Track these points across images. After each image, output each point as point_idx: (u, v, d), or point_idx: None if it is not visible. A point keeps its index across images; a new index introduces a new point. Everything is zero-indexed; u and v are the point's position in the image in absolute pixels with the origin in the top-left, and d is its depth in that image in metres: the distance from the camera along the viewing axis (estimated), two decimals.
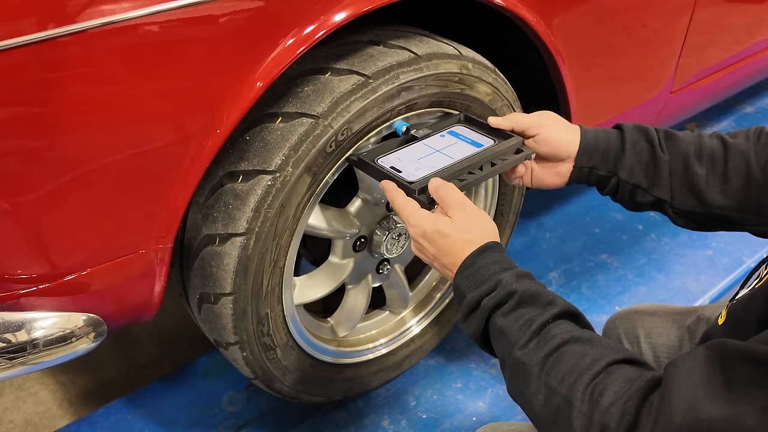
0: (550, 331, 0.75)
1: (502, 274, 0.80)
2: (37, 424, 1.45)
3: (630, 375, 0.70)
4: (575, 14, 1.24)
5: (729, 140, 0.96)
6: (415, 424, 1.38)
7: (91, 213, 0.86)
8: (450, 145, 1.03)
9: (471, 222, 0.85)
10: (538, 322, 0.75)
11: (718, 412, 0.61)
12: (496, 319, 0.78)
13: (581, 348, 0.73)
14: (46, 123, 0.77)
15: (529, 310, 0.77)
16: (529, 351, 0.74)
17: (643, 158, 0.98)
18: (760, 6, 1.69)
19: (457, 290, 0.83)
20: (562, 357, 0.73)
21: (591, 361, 0.72)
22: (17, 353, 0.88)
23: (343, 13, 0.92)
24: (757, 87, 2.52)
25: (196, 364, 1.50)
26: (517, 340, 0.75)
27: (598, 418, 0.68)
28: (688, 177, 0.97)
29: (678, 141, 0.98)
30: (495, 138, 1.04)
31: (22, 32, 0.70)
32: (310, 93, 0.99)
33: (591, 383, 0.70)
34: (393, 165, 0.97)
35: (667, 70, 1.54)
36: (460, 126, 1.09)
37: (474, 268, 0.81)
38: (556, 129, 1.00)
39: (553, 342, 0.74)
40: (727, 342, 0.64)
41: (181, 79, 0.84)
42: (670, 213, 1.00)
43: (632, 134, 0.99)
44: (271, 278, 1.05)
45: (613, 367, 0.71)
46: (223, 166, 1.00)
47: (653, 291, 1.69)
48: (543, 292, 0.79)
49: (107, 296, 0.95)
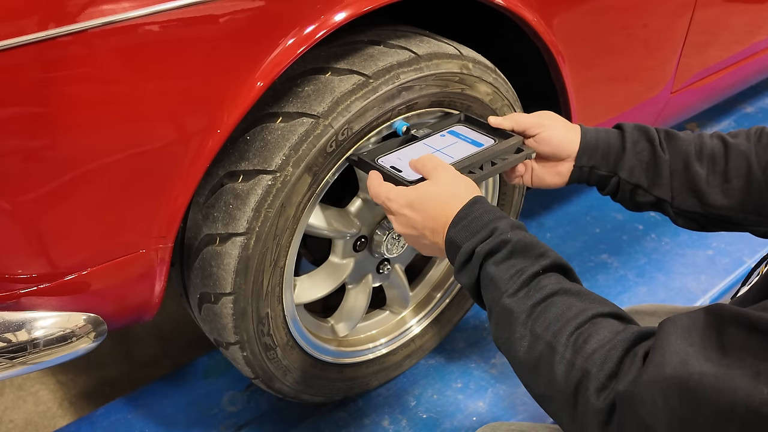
0: (540, 281, 0.76)
1: (498, 222, 0.80)
2: (37, 423, 1.45)
3: (615, 327, 0.71)
4: (575, 14, 1.24)
5: (730, 140, 0.96)
6: (415, 424, 1.38)
7: (92, 213, 0.86)
8: (450, 145, 1.03)
9: (454, 180, 0.86)
10: (528, 272, 0.76)
11: (709, 369, 0.61)
12: (488, 268, 0.78)
13: (569, 299, 0.74)
14: (46, 123, 0.77)
15: (521, 260, 0.77)
16: (518, 299, 0.75)
17: (644, 158, 0.98)
18: (760, 6, 1.69)
19: (451, 244, 0.83)
20: (550, 306, 0.73)
21: (578, 311, 0.72)
22: (18, 353, 0.88)
23: (344, 12, 0.92)
24: (757, 87, 2.52)
25: (196, 364, 1.50)
26: (507, 289, 0.76)
27: (581, 363, 0.69)
28: (688, 177, 0.97)
29: (678, 141, 0.98)
30: (495, 138, 1.04)
31: (22, 32, 0.70)
32: (311, 93, 0.99)
33: (576, 331, 0.71)
34: (393, 165, 0.97)
35: (668, 70, 1.54)
36: (461, 126, 1.09)
37: (468, 219, 0.82)
38: (557, 129, 1.00)
39: (542, 292, 0.74)
40: (725, 306, 0.65)
41: (181, 78, 0.84)
42: (671, 213, 1.00)
43: (633, 134, 0.99)
44: (272, 278, 1.05)
45: (599, 318, 0.72)
46: (224, 166, 1.00)
47: (653, 291, 1.69)
48: (536, 244, 0.79)
49: (107, 296, 0.95)
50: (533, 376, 0.73)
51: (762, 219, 0.96)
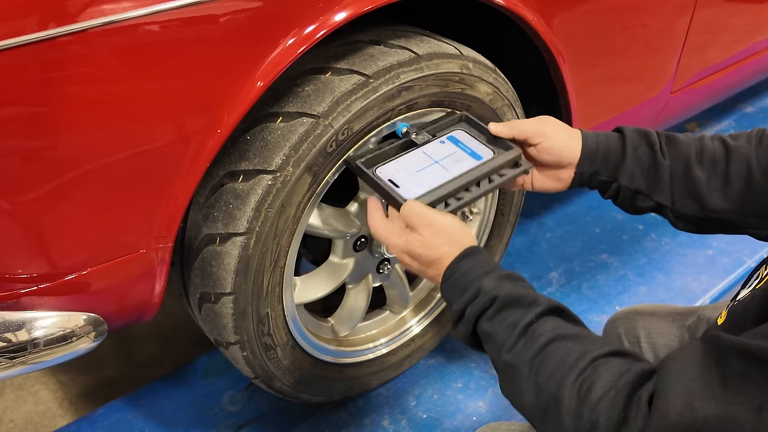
0: (535, 330, 0.76)
1: (483, 280, 0.81)
2: (37, 423, 1.45)
3: (617, 368, 0.71)
4: (576, 14, 1.24)
5: (731, 143, 0.96)
6: (415, 423, 1.38)
7: (92, 213, 0.86)
8: (449, 156, 1.00)
9: (441, 235, 0.86)
10: (522, 323, 0.77)
11: (713, 410, 0.61)
12: (483, 324, 0.80)
13: (567, 344, 0.74)
14: (46, 123, 0.77)
15: (512, 312, 0.78)
16: (517, 352, 0.76)
17: (644, 163, 0.98)
18: (760, 6, 1.69)
19: (445, 299, 0.86)
20: (549, 355, 0.74)
21: (577, 356, 0.72)
22: (18, 353, 0.88)
23: (344, 12, 0.92)
24: (757, 87, 2.52)
25: (197, 364, 1.50)
26: (504, 343, 0.77)
27: (588, 414, 0.69)
28: (689, 181, 0.97)
29: (679, 144, 0.98)
30: (494, 148, 1.01)
31: (22, 32, 0.70)
32: (311, 93, 0.99)
33: (578, 379, 0.71)
34: (391, 178, 0.94)
35: (668, 70, 1.54)
36: (461, 130, 1.05)
37: (455, 277, 0.83)
38: (558, 137, 0.99)
39: (539, 341, 0.75)
40: (722, 336, 0.65)
41: (181, 78, 0.84)
42: (671, 217, 1.00)
43: (633, 138, 0.99)
44: (272, 278, 1.05)
45: (599, 361, 0.72)
46: (224, 166, 1.00)
47: (654, 291, 1.69)
48: (525, 294, 0.80)
49: (108, 296, 0.95)
50: (543, 425, 0.74)
51: (763, 222, 0.95)
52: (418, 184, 0.93)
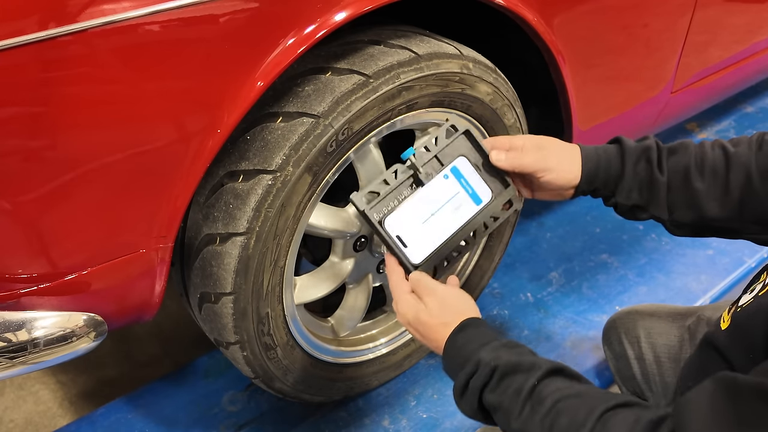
0: (540, 393, 0.77)
1: (480, 352, 0.83)
2: (37, 423, 1.45)
3: (627, 419, 0.71)
4: (576, 14, 1.24)
5: (731, 150, 0.96)
6: (415, 423, 1.38)
7: (92, 212, 0.86)
8: (452, 199, 1.01)
9: (443, 306, 0.90)
10: (526, 388, 0.78)
11: None
12: (487, 396, 0.81)
13: (573, 402, 0.75)
14: (46, 122, 0.77)
15: (514, 379, 0.80)
16: (525, 418, 0.77)
17: (642, 179, 0.99)
18: (760, 6, 1.69)
19: (447, 374, 0.88)
20: (558, 416, 0.75)
21: (585, 414, 0.73)
22: (18, 352, 0.88)
23: (344, 12, 0.92)
24: (757, 87, 2.52)
25: (197, 364, 1.50)
26: (512, 411, 0.78)
27: None
28: (687, 192, 0.97)
29: (679, 155, 0.98)
30: (492, 182, 1.03)
31: (22, 32, 0.70)
32: (311, 92, 0.99)
33: None
34: (399, 234, 0.97)
35: (668, 70, 1.54)
36: (463, 158, 1.03)
37: (454, 350, 0.86)
38: (560, 171, 0.99)
39: (545, 404, 0.76)
40: (736, 377, 0.65)
41: (181, 78, 0.84)
42: (668, 226, 1.02)
43: (632, 156, 0.99)
44: (272, 278, 1.05)
45: (607, 415, 0.73)
46: (224, 166, 1.00)
47: (654, 291, 1.69)
48: (523, 359, 0.81)
49: (108, 296, 0.95)
50: None
51: (762, 228, 0.95)
52: (424, 241, 0.98)
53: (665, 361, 1.19)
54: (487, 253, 1.44)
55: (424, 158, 1.00)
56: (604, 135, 1.49)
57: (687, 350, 1.17)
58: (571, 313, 1.62)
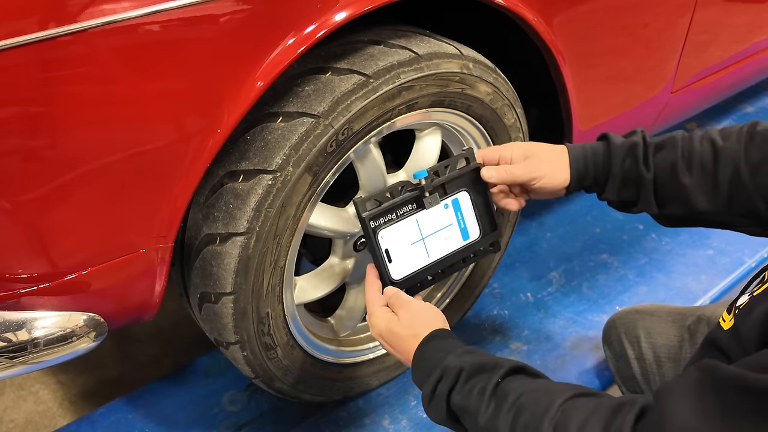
0: (504, 390, 0.80)
1: (446, 359, 0.85)
2: (37, 423, 1.45)
3: (586, 406, 0.73)
4: (576, 13, 1.24)
5: (719, 143, 0.96)
6: (415, 423, 1.38)
7: (92, 212, 0.86)
8: (444, 229, 1.07)
9: (414, 317, 0.93)
10: (490, 387, 0.80)
11: None
12: (455, 399, 0.83)
13: (535, 396, 0.77)
14: (46, 122, 0.77)
15: (478, 379, 0.82)
16: (490, 415, 0.79)
17: (630, 176, 1.00)
18: (760, 6, 1.69)
19: (416, 384, 0.90)
20: (521, 410, 0.77)
21: (546, 405, 0.75)
22: (18, 352, 0.88)
23: (344, 12, 0.92)
24: (757, 87, 2.52)
25: (197, 364, 1.50)
26: (478, 410, 0.80)
27: None
28: (676, 187, 0.98)
29: (666, 151, 0.99)
30: (483, 222, 1.10)
31: (22, 32, 0.70)
32: (311, 92, 0.99)
33: (551, 425, 0.74)
34: (388, 248, 1.01)
35: (668, 70, 1.54)
36: (465, 193, 1.07)
37: (422, 360, 0.89)
38: (550, 176, 1.02)
39: (508, 400, 0.78)
40: (719, 367, 0.65)
41: (181, 78, 0.84)
42: (661, 219, 1.03)
43: (618, 154, 1.01)
44: (272, 278, 1.05)
45: (566, 404, 0.75)
46: (224, 166, 1.00)
47: (654, 291, 1.69)
48: (487, 360, 0.84)
49: (108, 296, 0.95)
50: None
51: (751, 221, 0.96)
52: (407, 261, 1.03)
53: (665, 361, 1.19)
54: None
55: (433, 183, 1.03)
56: None
57: (687, 350, 1.17)
58: (571, 313, 1.62)
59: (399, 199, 1.01)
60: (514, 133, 1.27)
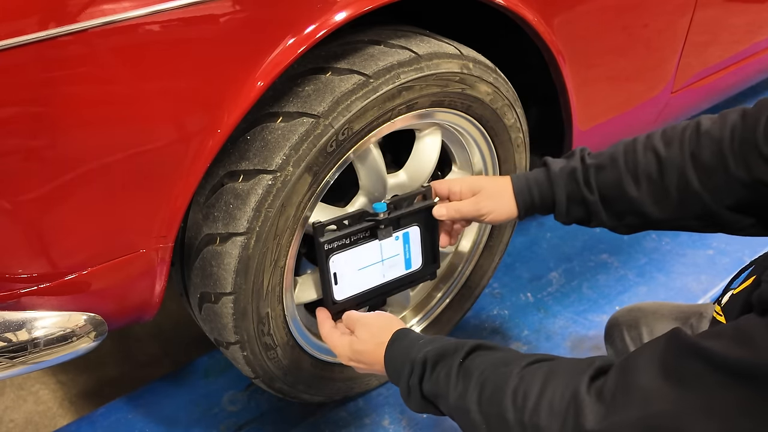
0: (467, 369, 0.84)
1: (411, 354, 0.90)
2: (37, 423, 1.45)
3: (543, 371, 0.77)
4: (576, 14, 1.24)
5: (663, 154, 0.95)
6: (415, 423, 1.38)
7: (92, 212, 0.86)
8: (392, 258, 1.14)
9: (370, 330, 0.98)
10: (454, 369, 0.84)
11: (667, 408, 0.65)
12: (426, 388, 0.87)
13: (495, 369, 0.81)
14: (47, 122, 0.77)
15: (443, 365, 0.86)
16: (460, 394, 0.82)
17: (575, 199, 1.02)
18: (760, 6, 1.69)
19: (393, 383, 0.94)
20: (485, 384, 0.81)
21: (506, 376, 0.79)
22: (18, 352, 0.88)
23: (344, 12, 0.92)
24: (757, 87, 2.52)
25: (197, 364, 1.50)
26: (448, 393, 0.84)
27: (528, 419, 0.75)
28: (626, 202, 0.98)
29: (607, 171, 0.99)
30: (425, 255, 1.17)
31: (22, 32, 0.70)
32: (311, 92, 0.99)
33: (512, 393, 0.77)
34: (336, 271, 1.07)
35: (668, 70, 1.54)
36: (417, 227, 1.14)
37: (391, 363, 0.93)
38: (496, 212, 1.06)
39: (473, 377, 0.82)
40: (681, 333, 0.68)
41: (181, 78, 0.84)
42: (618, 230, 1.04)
43: (559, 181, 1.03)
44: (272, 278, 1.05)
45: (524, 371, 0.79)
46: (224, 166, 1.00)
47: (654, 291, 1.69)
48: (447, 346, 0.87)
49: (108, 296, 0.95)
50: None
51: (703, 223, 0.96)
52: (353, 283, 1.11)
53: None
54: (487, 253, 1.44)
55: (390, 216, 1.09)
56: (604, 135, 1.49)
57: None
58: (571, 313, 1.62)
59: (356, 228, 1.07)
60: (514, 132, 1.28)
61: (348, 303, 1.12)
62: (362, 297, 1.14)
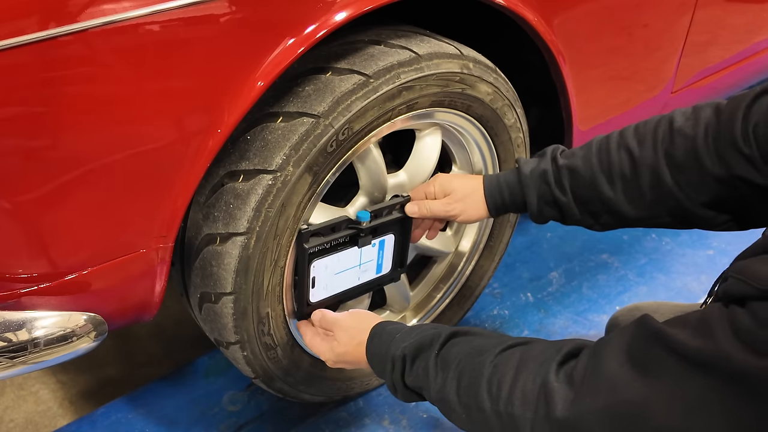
0: (444, 360, 0.85)
1: (390, 349, 0.91)
2: (37, 423, 1.45)
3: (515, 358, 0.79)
4: (576, 14, 1.24)
5: (636, 153, 0.94)
6: (415, 423, 1.38)
7: (92, 212, 0.86)
8: (367, 263, 1.17)
9: (348, 331, 0.99)
10: (431, 360, 0.86)
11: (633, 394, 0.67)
12: (408, 382, 0.89)
13: (470, 359, 0.82)
14: (47, 122, 0.77)
15: (421, 358, 0.88)
16: (440, 386, 0.84)
17: (548, 200, 1.03)
18: (760, 6, 1.69)
19: (379, 378, 0.97)
20: (461, 374, 0.82)
21: (480, 364, 0.81)
22: (18, 352, 0.88)
23: (344, 12, 0.92)
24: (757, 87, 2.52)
25: (197, 364, 1.50)
26: (430, 386, 0.85)
27: (503, 409, 0.76)
28: (601, 202, 0.98)
29: (580, 173, 0.99)
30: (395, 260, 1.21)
31: (22, 32, 0.70)
32: (311, 92, 0.99)
33: (487, 383, 0.79)
34: (316, 276, 1.10)
35: (668, 70, 1.54)
36: (392, 235, 1.17)
37: (374, 359, 0.94)
38: (467, 212, 1.09)
39: (450, 368, 0.84)
40: (649, 320, 0.70)
41: (182, 78, 0.84)
42: (594, 228, 1.04)
43: (530, 183, 1.03)
44: (272, 278, 1.05)
45: (497, 359, 0.80)
46: (224, 166, 1.00)
47: (654, 291, 1.69)
48: (424, 337, 0.89)
49: (108, 295, 0.95)
50: None
51: (677, 221, 0.97)
52: (328, 286, 1.14)
53: None
54: (487, 253, 1.44)
55: (371, 225, 1.12)
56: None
57: None
58: (571, 313, 1.62)
59: (339, 235, 1.09)
60: (514, 132, 1.28)
61: (320, 304, 1.14)
62: (334, 298, 1.17)
